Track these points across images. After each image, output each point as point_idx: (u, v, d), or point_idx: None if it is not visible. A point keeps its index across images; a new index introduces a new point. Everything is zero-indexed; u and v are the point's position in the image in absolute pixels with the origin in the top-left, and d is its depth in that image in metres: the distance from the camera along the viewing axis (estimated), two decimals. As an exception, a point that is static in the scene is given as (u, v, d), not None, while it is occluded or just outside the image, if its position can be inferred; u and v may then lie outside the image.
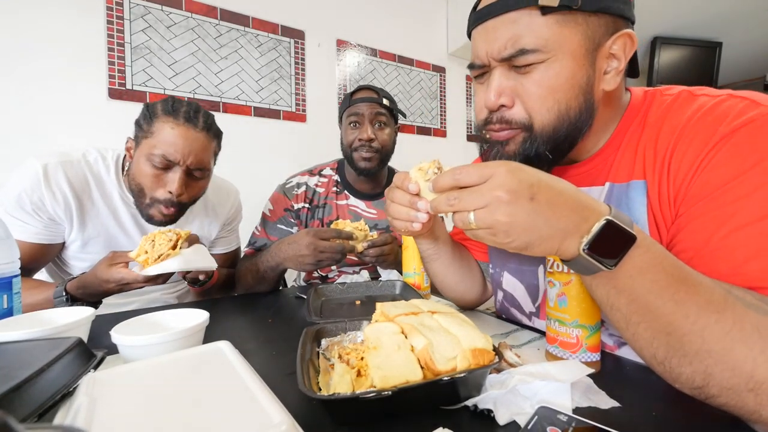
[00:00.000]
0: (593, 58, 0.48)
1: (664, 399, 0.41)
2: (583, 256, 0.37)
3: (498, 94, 0.51)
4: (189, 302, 1.10)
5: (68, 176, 0.87)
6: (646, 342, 0.38)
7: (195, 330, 0.51)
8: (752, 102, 0.44)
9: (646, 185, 0.50)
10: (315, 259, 0.88)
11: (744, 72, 3.66)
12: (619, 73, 0.50)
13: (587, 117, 0.51)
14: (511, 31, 0.48)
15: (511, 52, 0.48)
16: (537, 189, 0.36)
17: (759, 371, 0.33)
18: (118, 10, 1.59)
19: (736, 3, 2.61)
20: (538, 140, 0.51)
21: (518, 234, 0.37)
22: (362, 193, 1.21)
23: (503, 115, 0.52)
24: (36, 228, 0.86)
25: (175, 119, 0.84)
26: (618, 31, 0.48)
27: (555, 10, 0.46)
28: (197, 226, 1.08)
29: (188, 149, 0.84)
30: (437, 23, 2.61)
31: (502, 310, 0.75)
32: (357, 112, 1.11)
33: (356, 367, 0.40)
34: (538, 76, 0.48)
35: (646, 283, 0.37)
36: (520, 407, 0.37)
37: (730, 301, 0.35)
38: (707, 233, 0.42)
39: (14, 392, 0.31)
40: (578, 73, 0.48)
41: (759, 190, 0.39)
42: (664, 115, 0.50)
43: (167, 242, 0.76)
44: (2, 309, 0.58)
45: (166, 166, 0.85)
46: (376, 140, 1.10)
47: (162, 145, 0.83)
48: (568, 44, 0.47)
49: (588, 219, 0.37)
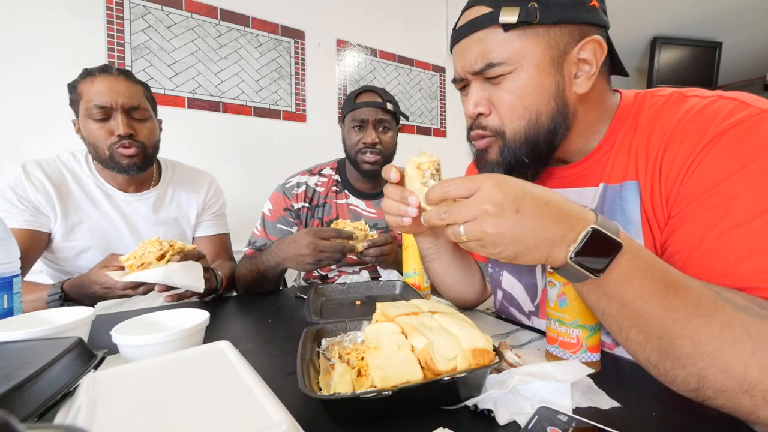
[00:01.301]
0: (559, 65, 0.51)
1: (664, 399, 0.41)
2: (571, 264, 0.37)
3: (476, 104, 0.55)
4: (189, 302, 1.10)
5: (45, 171, 0.97)
6: (640, 346, 0.39)
7: (195, 330, 0.51)
8: (741, 103, 0.44)
9: (639, 186, 0.51)
10: (315, 258, 0.88)
11: (744, 72, 3.67)
12: (590, 77, 0.52)
13: (561, 120, 0.53)
14: (479, 48, 0.52)
15: (480, 66, 0.52)
16: (522, 201, 0.38)
17: (751, 373, 0.33)
18: (118, 10, 1.59)
19: (736, 3, 2.61)
20: (512, 147, 0.54)
21: (506, 245, 0.38)
22: (362, 192, 1.21)
23: (480, 122, 0.56)
24: (23, 216, 0.93)
25: (91, 75, 0.94)
26: (585, 37, 0.50)
27: (515, 26, 0.49)
28: (175, 209, 1.13)
29: (114, 91, 0.93)
30: (437, 23, 2.61)
31: (501, 310, 0.75)
32: (361, 117, 1.11)
33: (356, 367, 0.40)
34: (507, 85, 0.52)
35: (635, 288, 0.37)
36: (521, 407, 0.37)
37: (719, 303, 0.36)
38: (700, 234, 0.42)
39: (15, 392, 0.31)
40: (545, 80, 0.51)
41: (750, 190, 0.40)
42: (655, 117, 0.51)
43: (156, 251, 0.74)
44: (2, 309, 0.58)
45: (103, 115, 0.93)
46: (380, 143, 1.12)
47: (90, 98, 0.92)
48: (531, 55, 0.50)
49: (574, 228, 0.38)
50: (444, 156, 1.90)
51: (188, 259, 0.79)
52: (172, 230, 1.14)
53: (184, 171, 1.18)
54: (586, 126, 0.56)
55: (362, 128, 1.12)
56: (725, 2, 2.61)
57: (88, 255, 1.01)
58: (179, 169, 1.18)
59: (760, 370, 0.33)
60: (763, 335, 0.34)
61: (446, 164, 0.58)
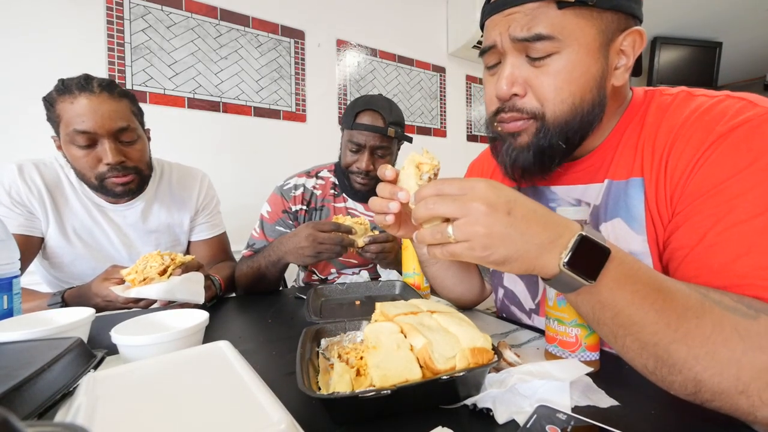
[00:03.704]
0: (606, 52, 0.49)
1: (663, 398, 0.41)
2: (564, 272, 0.37)
3: (510, 83, 0.50)
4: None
5: (41, 173, 0.93)
6: (636, 353, 0.39)
7: (195, 330, 0.52)
8: (749, 102, 0.44)
9: (643, 182, 0.50)
10: (314, 250, 0.88)
11: (744, 72, 3.66)
12: (628, 70, 0.51)
13: (599, 111, 0.51)
14: (528, 18, 0.48)
15: (526, 35, 0.48)
16: (514, 204, 0.37)
17: (744, 372, 0.33)
18: (118, 10, 1.59)
19: (736, 3, 2.61)
20: (551, 130, 0.50)
21: (496, 247, 0.37)
22: (360, 194, 1.20)
23: (515, 104, 0.51)
24: (18, 220, 0.90)
25: (70, 94, 0.84)
26: (628, 28, 0.49)
27: (571, 5, 0.46)
28: (165, 216, 1.08)
29: (97, 115, 0.84)
30: (437, 23, 2.61)
31: (502, 309, 0.75)
32: (358, 140, 1.05)
33: (355, 366, 0.40)
34: (554, 66, 0.48)
35: (627, 294, 0.37)
36: (520, 406, 0.37)
37: (707, 305, 0.36)
38: (703, 230, 0.42)
39: (14, 392, 0.31)
40: (593, 66, 0.48)
41: (754, 188, 0.40)
42: (662, 114, 0.51)
43: (158, 266, 0.74)
44: (2, 309, 0.58)
45: (88, 141, 0.84)
46: (373, 170, 1.06)
47: (71, 122, 0.83)
48: (583, 36, 0.47)
49: (562, 235, 0.38)
50: (444, 156, 1.89)
51: (189, 270, 0.79)
52: (165, 237, 1.10)
53: (173, 172, 1.12)
54: (604, 120, 0.55)
55: (358, 151, 1.07)
56: (725, 2, 2.61)
57: (83, 261, 1.00)
58: (167, 171, 1.11)
59: (752, 369, 0.33)
60: (753, 335, 0.34)
61: (446, 164, 0.56)
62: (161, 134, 1.08)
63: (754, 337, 0.34)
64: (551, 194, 0.63)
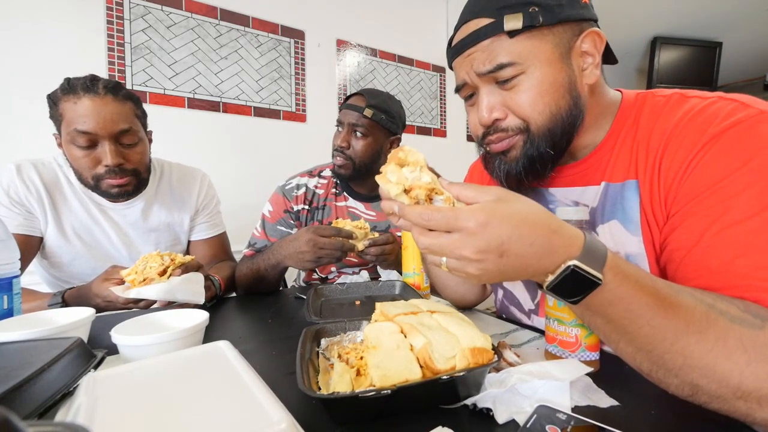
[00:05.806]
0: (568, 59, 0.52)
1: (663, 398, 0.41)
2: (548, 292, 0.38)
3: (490, 110, 0.54)
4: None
5: (39, 172, 0.94)
6: (630, 356, 0.39)
7: (195, 330, 0.52)
8: (741, 104, 0.45)
9: (638, 185, 0.51)
10: (315, 255, 0.88)
11: (744, 72, 3.66)
12: (597, 66, 0.53)
13: (578, 112, 0.53)
14: (486, 53, 0.52)
15: (489, 68, 0.52)
16: (507, 246, 0.35)
17: (746, 383, 0.33)
18: (118, 10, 1.59)
19: (736, 3, 2.61)
20: (536, 140, 0.53)
21: (487, 279, 0.38)
22: (361, 194, 1.21)
23: (499, 126, 0.55)
24: (17, 220, 0.91)
25: (75, 94, 0.84)
26: (583, 31, 0.52)
27: (520, 32, 0.50)
28: (166, 215, 1.09)
29: (100, 116, 0.84)
30: (437, 23, 2.61)
31: (501, 309, 0.75)
32: (340, 118, 1.12)
33: (356, 366, 0.40)
34: (523, 85, 0.52)
35: (620, 311, 0.37)
36: (519, 406, 0.37)
37: (713, 317, 0.36)
38: (698, 232, 0.42)
39: (14, 392, 0.31)
40: (559, 75, 0.51)
41: (748, 189, 0.40)
42: (656, 116, 0.51)
43: (158, 266, 0.74)
44: (2, 309, 0.58)
45: (88, 142, 0.85)
46: (349, 149, 1.09)
47: (73, 122, 0.84)
48: (541, 53, 0.51)
49: (556, 263, 0.37)
50: (444, 156, 1.89)
51: (189, 270, 0.79)
52: (165, 236, 1.10)
53: (173, 172, 1.13)
54: (591, 119, 0.56)
55: (340, 130, 1.12)
56: (725, 2, 2.61)
57: (83, 261, 1.00)
58: (168, 171, 1.12)
59: (756, 380, 0.33)
60: (759, 346, 0.34)
61: (446, 164, 0.57)
62: (161, 134, 1.09)
63: (760, 348, 0.34)
64: (549, 196, 0.63)
